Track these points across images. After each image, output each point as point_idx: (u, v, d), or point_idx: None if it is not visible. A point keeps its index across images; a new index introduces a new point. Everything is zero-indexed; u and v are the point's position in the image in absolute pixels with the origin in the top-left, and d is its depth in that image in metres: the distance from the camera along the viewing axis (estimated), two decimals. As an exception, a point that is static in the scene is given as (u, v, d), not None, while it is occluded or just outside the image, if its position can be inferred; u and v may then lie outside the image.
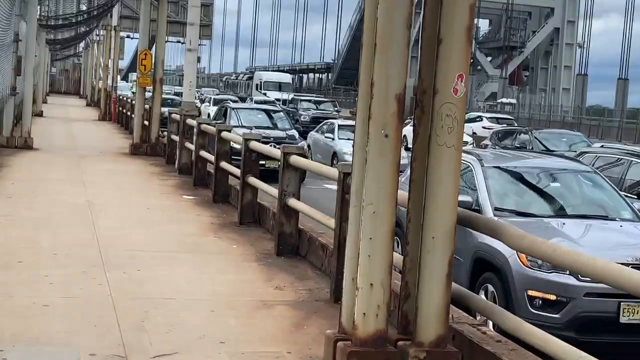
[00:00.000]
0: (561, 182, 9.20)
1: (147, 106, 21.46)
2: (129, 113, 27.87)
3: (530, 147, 22.58)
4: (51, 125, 28.60)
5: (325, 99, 52.25)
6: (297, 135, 21.42)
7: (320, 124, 26.72)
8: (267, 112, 23.19)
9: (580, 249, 6.53)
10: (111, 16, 37.94)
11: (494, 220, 4.74)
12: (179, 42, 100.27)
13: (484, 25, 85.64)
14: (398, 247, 8.30)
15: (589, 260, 3.92)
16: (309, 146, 22.69)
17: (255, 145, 10.96)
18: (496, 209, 8.25)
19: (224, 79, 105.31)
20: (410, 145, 5.32)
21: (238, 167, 11.42)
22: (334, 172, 7.61)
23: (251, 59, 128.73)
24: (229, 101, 36.03)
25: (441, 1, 5.03)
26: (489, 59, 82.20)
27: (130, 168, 17.07)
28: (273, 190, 9.83)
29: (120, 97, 33.42)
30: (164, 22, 19.68)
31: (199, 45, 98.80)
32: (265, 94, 57.99)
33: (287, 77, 71.04)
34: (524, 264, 7.21)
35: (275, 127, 21.58)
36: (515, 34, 78.28)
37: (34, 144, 19.64)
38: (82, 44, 62.36)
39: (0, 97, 17.03)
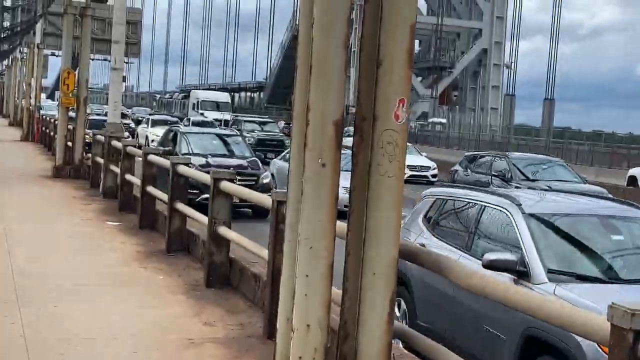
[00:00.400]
0: (627, 233, 7.16)
1: (70, 127, 20.68)
2: (52, 134, 26.91)
3: (509, 176, 20.65)
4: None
5: (269, 119, 49.84)
6: (259, 163, 19.20)
7: (286, 151, 26.10)
8: (221, 136, 20.54)
9: None
10: (34, 33, 36.84)
11: (438, 255, 4.38)
12: (106, 59, 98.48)
13: (414, 46, 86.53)
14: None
15: (545, 303, 3.59)
16: (272, 175, 20.21)
17: (183, 170, 10.46)
18: (549, 270, 6.27)
19: (157, 97, 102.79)
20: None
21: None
22: (266, 199, 7.19)
23: (181, 77, 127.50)
24: (178, 124, 34.57)
25: (380, 21, 4.68)
26: (420, 79, 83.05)
27: (51, 192, 16.31)
28: (203, 218, 9.35)
29: (44, 116, 32.34)
30: (88, 40, 19.00)
31: (127, 63, 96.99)
32: (202, 114, 55.13)
33: (225, 97, 67.11)
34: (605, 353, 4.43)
35: (232, 154, 19.20)
36: (444, 55, 79.32)
37: (-52, 167, 18.69)
38: (4, 62, 60.59)
39: None
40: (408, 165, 27.53)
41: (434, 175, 31.15)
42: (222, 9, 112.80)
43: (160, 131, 33.70)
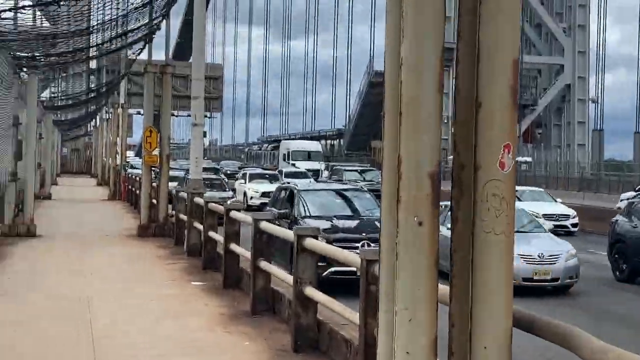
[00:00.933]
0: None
1: (155, 184, 20.66)
2: (138, 192, 27.07)
3: None
4: (58, 209, 27.83)
5: (372, 168, 44.99)
6: None
7: None
8: (340, 193, 16.80)
9: None
10: (118, 94, 37.60)
11: (565, 326, 3.74)
12: (189, 116, 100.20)
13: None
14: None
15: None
16: None
17: (266, 226, 10.01)
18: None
19: (245, 150, 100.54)
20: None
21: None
22: (354, 259, 6.64)
23: (262, 128, 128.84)
24: (277, 178, 35.14)
25: (478, 56, 4.12)
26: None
27: (135, 252, 16.14)
28: (288, 277, 8.85)
29: (130, 175, 32.72)
30: (169, 97, 19.01)
31: (209, 117, 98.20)
32: (294, 165, 53.34)
33: (316, 145, 64.08)
34: None
35: (357, 214, 15.52)
36: (526, 92, 77.77)
37: (38, 230, 18.80)
38: (92, 123, 62.27)
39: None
40: (544, 215, 25.17)
41: (574, 225, 26.80)
42: (300, 59, 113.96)
43: (259, 186, 33.64)
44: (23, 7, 17.14)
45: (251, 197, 32.88)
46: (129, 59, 28.32)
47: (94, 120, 59.63)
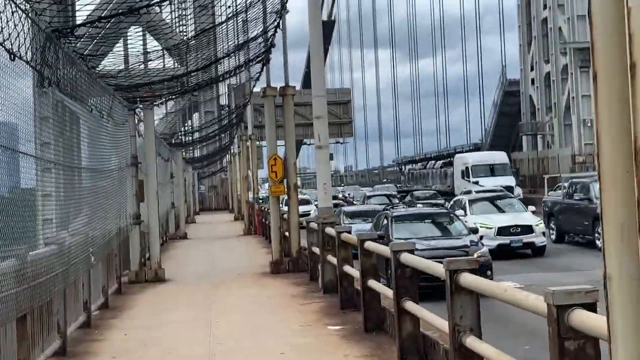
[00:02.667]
0: None
1: (285, 215, 19.29)
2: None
3: None
4: (191, 248, 27.02)
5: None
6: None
7: None
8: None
9: None
10: (246, 127, 36.88)
11: None
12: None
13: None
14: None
15: None
16: None
17: (407, 258, 8.22)
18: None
19: (404, 170, 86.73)
20: None
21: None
22: (540, 304, 4.74)
23: (397, 151, 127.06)
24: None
25: None
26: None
27: (267, 292, 14.67)
28: (442, 323, 7.02)
29: (263, 208, 31.69)
30: (291, 121, 17.62)
31: (342, 142, 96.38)
32: (477, 183, 43.85)
33: (502, 157, 50.18)
34: None
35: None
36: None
37: (167, 274, 17.75)
38: (226, 159, 62.43)
39: (118, 229, 15.25)
40: None
41: None
42: (428, 78, 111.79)
43: (492, 219, 22.18)
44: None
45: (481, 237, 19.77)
46: (252, 89, 27.30)
47: (227, 155, 59.74)
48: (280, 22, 15.17)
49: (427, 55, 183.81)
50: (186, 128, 38.40)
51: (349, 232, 12.24)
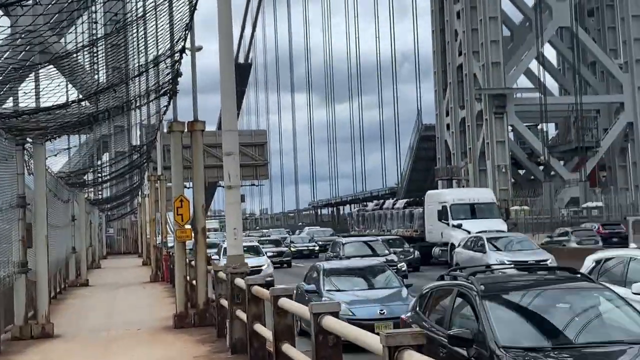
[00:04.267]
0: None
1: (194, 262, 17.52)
2: (178, 271, 23.98)
3: None
4: (91, 298, 24.83)
5: None
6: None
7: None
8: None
9: None
10: (155, 168, 34.93)
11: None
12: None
13: (550, 129, 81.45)
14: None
15: None
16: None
17: (330, 323, 6.69)
18: None
19: (354, 212, 66.02)
20: None
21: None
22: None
23: (312, 193, 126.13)
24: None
25: None
26: (562, 163, 77.57)
27: (166, 354, 12.88)
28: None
29: (172, 253, 29.71)
30: (200, 160, 16.01)
31: (257, 185, 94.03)
32: (460, 227, 36.18)
33: (487, 194, 41.27)
34: None
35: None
36: (587, 134, 73.73)
37: (57, 329, 15.73)
38: (136, 200, 59.94)
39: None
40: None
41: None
42: (345, 123, 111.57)
43: None
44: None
45: None
46: (160, 125, 25.47)
47: (138, 197, 57.30)
48: (186, 47, 13.63)
49: (344, 100, 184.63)
50: (92, 168, 36.18)
51: (291, 297, 10.63)
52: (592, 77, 78.35)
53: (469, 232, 33.78)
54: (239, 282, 11.83)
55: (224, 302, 13.56)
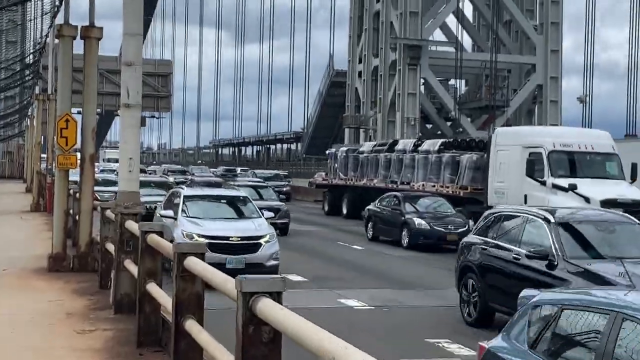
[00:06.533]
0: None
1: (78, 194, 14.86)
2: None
3: None
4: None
5: None
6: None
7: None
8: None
9: None
10: (45, 89, 31.46)
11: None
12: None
13: (461, 85, 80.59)
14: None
15: None
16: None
17: (193, 264, 4.42)
18: None
19: (339, 154, 41.09)
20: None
21: None
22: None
23: (214, 132, 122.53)
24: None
25: None
26: (469, 120, 76.98)
27: (34, 305, 10.36)
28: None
29: (57, 181, 26.70)
30: (94, 73, 13.30)
31: (158, 117, 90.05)
32: (572, 190, 22.07)
33: (606, 141, 24.64)
34: None
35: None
36: (497, 93, 73.13)
37: None
38: (25, 122, 55.69)
39: None
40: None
41: None
42: (254, 64, 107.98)
43: None
44: None
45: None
46: (49, 32, 22.14)
47: (27, 119, 53.10)
48: None
49: (255, 41, 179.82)
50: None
51: (161, 234, 8.25)
52: (507, 37, 77.54)
53: (587, 200, 21.35)
54: (131, 226, 9.39)
55: (111, 247, 11.12)
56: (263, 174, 52.90)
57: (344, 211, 36.41)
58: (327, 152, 45.78)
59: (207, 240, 13.31)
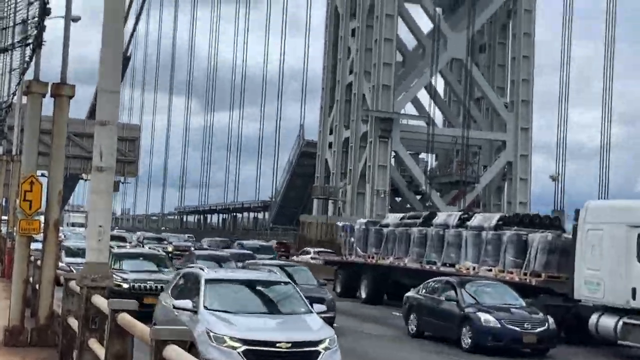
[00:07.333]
0: None
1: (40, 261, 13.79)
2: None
3: None
4: None
5: None
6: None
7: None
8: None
9: None
10: (9, 151, 30.46)
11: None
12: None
13: (430, 159, 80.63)
14: None
15: None
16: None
17: None
18: None
19: (357, 227, 33.72)
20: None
21: None
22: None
23: (180, 199, 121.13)
24: None
25: None
26: (438, 194, 76.84)
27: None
28: None
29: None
30: (63, 132, 12.45)
31: (124, 182, 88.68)
32: None
33: None
34: None
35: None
36: (467, 169, 73.26)
37: None
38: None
39: None
40: None
41: None
42: (223, 131, 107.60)
43: None
44: None
45: None
46: (17, 89, 21.30)
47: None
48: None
49: (224, 109, 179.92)
50: None
51: (134, 312, 7.31)
52: (478, 113, 78.16)
53: None
54: (99, 301, 8.44)
55: (73, 323, 10.11)
56: (250, 244, 45.38)
57: (362, 294, 30.17)
58: (340, 224, 39.30)
59: (244, 347, 10.66)
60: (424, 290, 20.66)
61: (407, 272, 27.12)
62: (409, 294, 21.19)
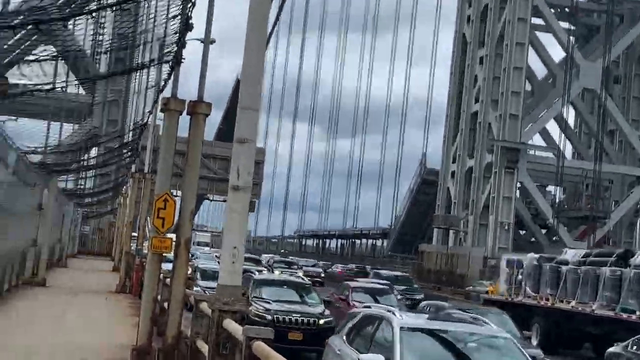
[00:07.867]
0: None
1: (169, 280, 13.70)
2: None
3: None
4: (38, 304, 20.91)
5: None
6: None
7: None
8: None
9: None
10: (141, 170, 31.11)
11: None
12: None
13: (558, 193, 77.83)
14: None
15: None
16: None
17: None
18: None
19: (527, 261, 29.85)
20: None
21: None
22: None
23: (300, 222, 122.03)
24: None
25: None
26: (565, 228, 74.00)
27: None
28: None
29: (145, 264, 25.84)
30: (198, 149, 12.30)
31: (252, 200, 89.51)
32: None
33: None
34: None
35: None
36: (598, 203, 70.26)
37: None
38: (118, 199, 55.98)
39: None
40: None
41: None
42: (343, 158, 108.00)
43: None
44: None
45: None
46: (155, 108, 21.62)
47: (120, 197, 53.37)
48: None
49: (346, 136, 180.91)
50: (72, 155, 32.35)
51: (269, 341, 6.87)
52: (610, 146, 75.03)
53: None
54: (231, 326, 8.05)
55: (202, 346, 9.81)
56: (386, 274, 41.59)
57: (532, 341, 25.31)
58: (505, 258, 33.83)
59: None
60: (634, 347, 17.70)
61: (595, 320, 23.85)
62: (613, 349, 18.30)
